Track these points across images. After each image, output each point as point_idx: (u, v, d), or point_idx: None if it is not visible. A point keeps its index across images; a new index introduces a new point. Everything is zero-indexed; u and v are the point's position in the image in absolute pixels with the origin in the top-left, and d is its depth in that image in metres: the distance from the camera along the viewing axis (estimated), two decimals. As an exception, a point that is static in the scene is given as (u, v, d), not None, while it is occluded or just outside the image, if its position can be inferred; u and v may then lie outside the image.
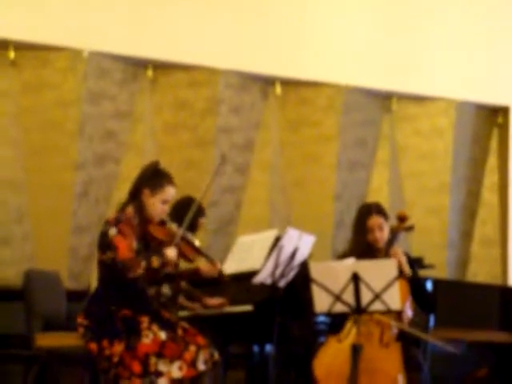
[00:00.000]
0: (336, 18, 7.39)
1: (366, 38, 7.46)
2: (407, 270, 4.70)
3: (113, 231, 4.20)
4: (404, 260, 4.70)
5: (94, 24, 6.59)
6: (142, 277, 4.25)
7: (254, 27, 7.11)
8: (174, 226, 4.42)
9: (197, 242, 4.52)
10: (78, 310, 4.38)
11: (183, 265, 4.91)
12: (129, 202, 4.34)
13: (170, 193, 4.36)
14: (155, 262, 4.17)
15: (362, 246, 4.78)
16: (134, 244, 4.26)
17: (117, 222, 4.24)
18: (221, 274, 4.66)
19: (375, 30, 7.49)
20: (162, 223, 4.38)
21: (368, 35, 7.46)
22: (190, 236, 4.52)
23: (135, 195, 4.34)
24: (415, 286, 4.75)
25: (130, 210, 4.30)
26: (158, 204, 4.32)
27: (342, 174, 7.45)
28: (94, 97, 6.72)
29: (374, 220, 4.80)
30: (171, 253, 4.24)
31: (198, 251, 4.48)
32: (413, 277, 4.73)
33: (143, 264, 4.16)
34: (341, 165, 7.44)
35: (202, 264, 4.60)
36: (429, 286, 5.82)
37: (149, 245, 4.37)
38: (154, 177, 4.36)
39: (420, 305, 4.83)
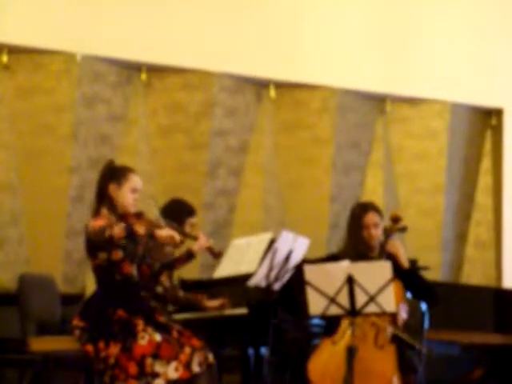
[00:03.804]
0: (330, 20, 7.39)
1: (360, 40, 7.47)
2: (405, 262, 4.71)
3: (91, 222, 4.26)
4: (402, 252, 4.71)
5: (87, 27, 6.58)
6: (141, 276, 4.28)
7: (248, 30, 7.12)
8: (150, 216, 4.45)
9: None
10: (72, 314, 4.37)
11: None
12: (99, 204, 4.37)
13: (136, 180, 4.41)
14: (139, 228, 4.13)
15: (357, 244, 4.79)
16: None
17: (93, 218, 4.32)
18: (210, 248, 4.68)
19: (369, 32, 7.50)
20: (139, 215, 4.40)
21: (362, 37, 7.47)
22: (170, 221, 4.56)
23: (103, 195, 4.37)
24: (413, 278, 4.75)
25: (104, 210, 4.34)
26: (128, 194, 4.36)
27: (336, 176, 7.45)
28: (88, 100, 6.72)
29: (370, 217, 4.81)
30: (167, 231, 4.22)
31: (183, 233, 4.52)
32: (411, 269, 4.73)
33: (122, 224, 4.13)
34: (335, 167, 7.44)
35: (192, 244, 4.65)
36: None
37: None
38: (114, 171, 4.42)
39: (422, 298, 4.85)
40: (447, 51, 7.74)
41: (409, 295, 4.84)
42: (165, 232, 4.20)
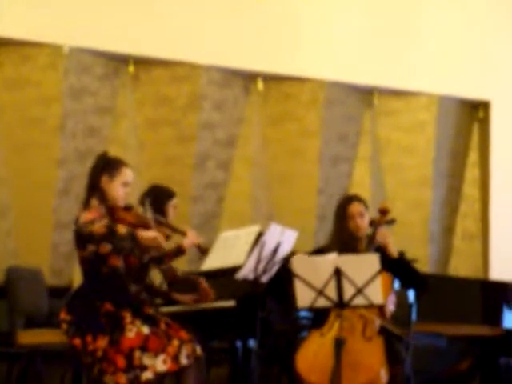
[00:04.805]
0: (318, 13, 7.39)
1: (348, 33, 7.47)
2: (394, 252, 4.72)
3: (81, 214, 4.22)
4: (391, 241, 4.72)
5: (74, 19, 6.56)
6: (127, 268, 4.25)
7: (236, 23, 7.11)
8: (140, 210, 4.44)
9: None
10: (60, 307, 4.36)
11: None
12: (90, 195, 4.36)
13: (128, 174, 4.39)
14: (121, 228, 4.09)
15: (344, 235, 4.80)
16: None
17: (83, 210, 4.29)
18: (198, 245, 4.68)
19: (357, 25, 7.50)
20: (128, 208, 4.38)
21: (350, 30, 7.48)
22: (159, 216, 4.54)
23: (94, 187, 4.36)
24: (402, 267, 4.75)
25: (94, 201, 4.33)
26: (119, 187, 4.35)
27: (324, 168, 7.47)
28: (76, 93, 6.70)
29: (355, 207, 4.83)
30: (150, 232, 4.18)
31: (171, 228, 4.50)
32: (401, 258, 4.74)
33: (105, 221, 4.10)
34: (323, 159, 7.45)
35: (181, 240, 4.64)
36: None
37: None
38: (108, 163, 4.39)
39: (412, 286, 4.86)
40: (435, 44, 7.75)
41: (396, 286, 4.86)
42: (148, 233, 4.16)
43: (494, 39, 7.93)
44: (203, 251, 4.71)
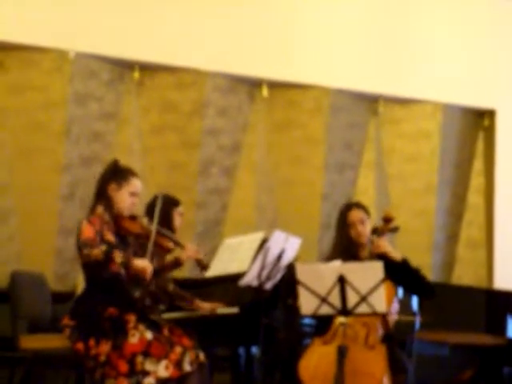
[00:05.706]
0: (323, 20, 7.40)
1: (353, 40, 7.48)
2: (396, 256, 4.69)
3: (83, 223, 4.25)
4: (390, 248, 4.70)
5: (80, 25, 6.57)
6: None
7: (241, 29, 7.12)
8: (145, 220, 4.46)
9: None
10: (63, 312, 4.37)
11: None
12: (96, 201, 4.39)
13: (136, 184, 4.42)
14: (118, 257, 4.13)
15: (345, 243, 4.79)
16: (111, 237, 4.28)
17: (87, 217, 4.31)
18: (199, 260, 4.72)
19: (362, 32, 7.51)
20: (133, 218, 4.39)
21: (355, 38, 7.48)
22: (163, 229, 4.56)
23: (102, 193, 4.38)
24: (408, 270, 4.72)
25: (100, 208, 4.35)
26: (126, 197, 4.38)
27: (329, 175, 7.46)
28: (81, 98, 6.71)
29: (355, 214, 4.82)
30: (142, 263, 4.20)
31: (173, 241, 4.53)
32: (405, 261, 4.71)
33: (103, 248, 4.12)
34: (328, 167, 7.45)
35: (179, 253, 4.66)
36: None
37: (125, 239, 4.41)
38: (117, 172, 4.43)
39: (417, 291, 4.83)
40: (440, 52, 7.76)
41: (400, 294, 4.85)
42: (140, 264, 4.18)
43: (499, 48, 7.94)
44: (203, 267, 4.76)
